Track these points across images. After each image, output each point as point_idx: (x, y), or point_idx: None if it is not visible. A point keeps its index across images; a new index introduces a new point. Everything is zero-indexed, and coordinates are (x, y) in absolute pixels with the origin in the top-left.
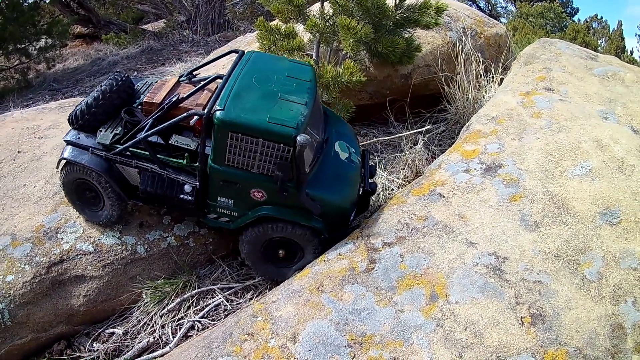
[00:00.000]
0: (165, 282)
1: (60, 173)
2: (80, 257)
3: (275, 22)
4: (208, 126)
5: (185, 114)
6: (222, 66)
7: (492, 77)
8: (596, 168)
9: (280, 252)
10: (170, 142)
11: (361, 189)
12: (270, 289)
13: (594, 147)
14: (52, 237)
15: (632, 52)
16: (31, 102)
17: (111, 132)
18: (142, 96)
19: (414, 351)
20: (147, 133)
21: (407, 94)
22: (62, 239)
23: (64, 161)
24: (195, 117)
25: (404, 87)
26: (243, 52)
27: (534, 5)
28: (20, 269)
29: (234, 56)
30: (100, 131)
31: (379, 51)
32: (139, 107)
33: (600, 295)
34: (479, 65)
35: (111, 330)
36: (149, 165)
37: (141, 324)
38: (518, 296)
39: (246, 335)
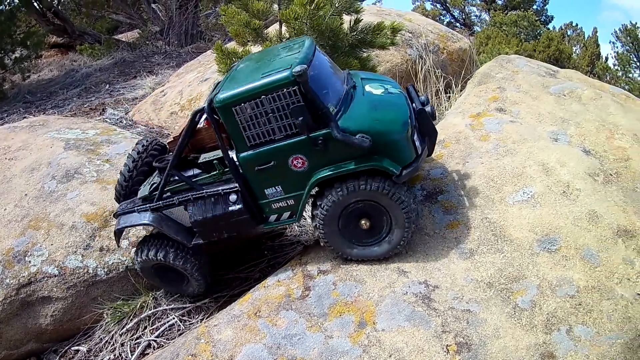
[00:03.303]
0: (124, 303)
1: (136, 263)
2: (47, 280)
3: (233, 44)
4: (214, 118)
5: (190, 116)
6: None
7: (454, 93)
8: (539, 193)
9: (363, 222)
10: (199, 162)
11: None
12: (218, 310)
13: (539, 171)
14: (20, 260)
15: (607, 59)
16: (5, 114)
17: (149, 185)
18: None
19: None
20: (172, 161)
21: None
22: (29, 262)
23: (134, 250)
24: (204, 117)
25: None
26: None
27: (508, 14)
28: None
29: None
30: (139, 189)
31: None
32: (170, 153)
33: (531, 324)
34: (438, 82)
35: (76, 347)
36: (190, 194)
37: (103, 342)
38: (445, 325)
39: (190, 357)
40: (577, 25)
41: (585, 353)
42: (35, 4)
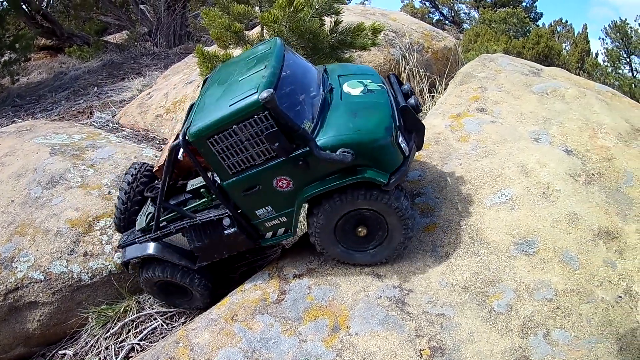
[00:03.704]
0: (108, 307)
1: (140, 279)
2: (33, 285)
3: (214, 47)
4: (191, 150)
5: (168, 152)
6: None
7: (438, 92)
8: (517, 195)
9: (360, 229)
10: (187, 189)
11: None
12: (199, 315)
13: (518, 172)
14: (7, 266)
15: (597, 55)
16: None
17: (144, 215)
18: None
19: None
20: (160, 195)
21: None
22: (16, 267)
23: (134, 265)
24: (181, 151)
25: None
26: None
27: (497, 11)
28: None
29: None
30: (137, 220)
31: None
32: (158, 180)
33: (507, 328)
34: (422, 81)
35: (63, 351)
36: (185, 222)
37: (88, 346)
38: (418, 329)
39: None
40: (566, 21)
41: (563, 358)
42: (24, 6)
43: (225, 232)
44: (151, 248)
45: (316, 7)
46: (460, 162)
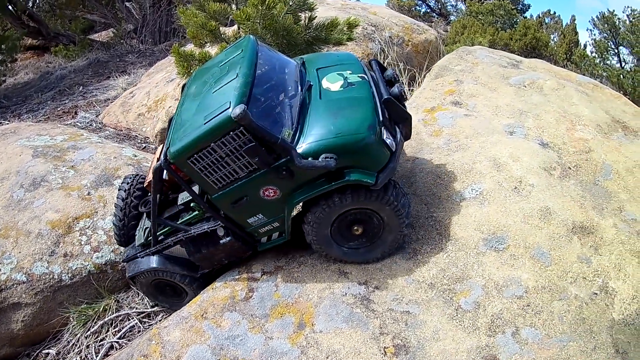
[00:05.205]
0: (88, 307)
1: (136, 284)
2: (16, 286)
3: (191, 46)
4: (175, 170)
5: (152, 174)
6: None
7: (418, 85)
8: (487, 190)
9: (355, 228)
10: (178, 203)
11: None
12: (172, 313)
13: (490, 167)
14: None
15: (585, 47)
16: None
17: (142, 230)
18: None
19: None
20: (153, 213)
21: None
22: (0, 270)
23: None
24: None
25: None
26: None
27: (484, 3)
28: None
29: None
30: (135, 234)
31: None
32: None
33: (474, 326)
34: (402, 75)
35: (47, 350)
36: (181, 235)
37: (70, 345)
38: (383, 326)
39: (142, 357)
40: (554, 13)
41: (532, 357)
42: (9, 7)
43: (221, 241)
44: (154, 262)
45: (290, 3)
46: (431, 156)
